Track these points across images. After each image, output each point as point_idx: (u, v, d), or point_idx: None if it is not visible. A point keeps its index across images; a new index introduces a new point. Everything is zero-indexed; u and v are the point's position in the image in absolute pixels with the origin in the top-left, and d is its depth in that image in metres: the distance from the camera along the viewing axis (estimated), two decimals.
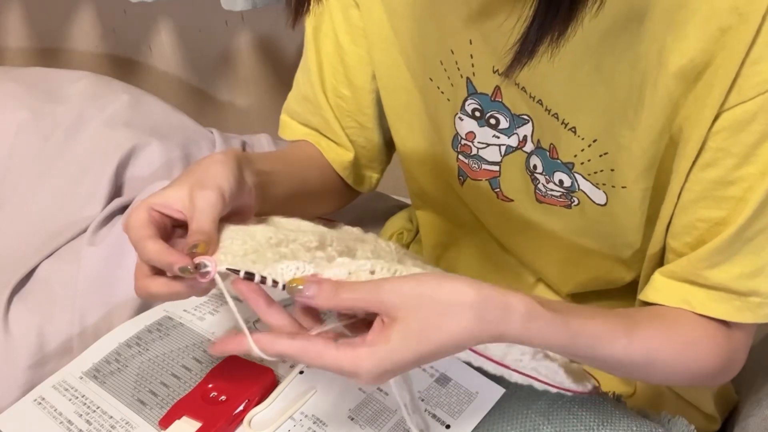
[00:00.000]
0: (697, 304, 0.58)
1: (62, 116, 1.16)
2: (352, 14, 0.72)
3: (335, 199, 0.82)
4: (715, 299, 0.58)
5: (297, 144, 0.79)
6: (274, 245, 0.55)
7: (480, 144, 0.69)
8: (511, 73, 0.49)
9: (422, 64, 0.69)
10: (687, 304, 0.59)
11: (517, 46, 0.47)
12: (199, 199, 0.55)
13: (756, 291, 0.57)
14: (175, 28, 1.72)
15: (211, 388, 0.63)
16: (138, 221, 0.54)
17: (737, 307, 0.57)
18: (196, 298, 0.76)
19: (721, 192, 0.55)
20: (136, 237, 0.54)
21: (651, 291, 0.61)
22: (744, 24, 0.49)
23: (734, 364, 0.62)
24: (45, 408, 0.64)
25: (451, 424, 0.60)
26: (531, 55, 0.47)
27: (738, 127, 0.52)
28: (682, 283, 0.59)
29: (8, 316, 0.94)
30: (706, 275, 0.57)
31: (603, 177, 0.61)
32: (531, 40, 0.47)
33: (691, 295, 0.58)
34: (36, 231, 1.05)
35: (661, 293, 0.60)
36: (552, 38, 0.46)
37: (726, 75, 0.51)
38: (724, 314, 0.58)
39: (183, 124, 1.24)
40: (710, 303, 0.58)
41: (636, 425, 0.61)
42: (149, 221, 0.55)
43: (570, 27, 0.47)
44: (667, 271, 0.60)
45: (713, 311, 0.58)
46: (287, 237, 0.56)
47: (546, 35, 0.46)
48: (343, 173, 0.79)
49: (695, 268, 0.58)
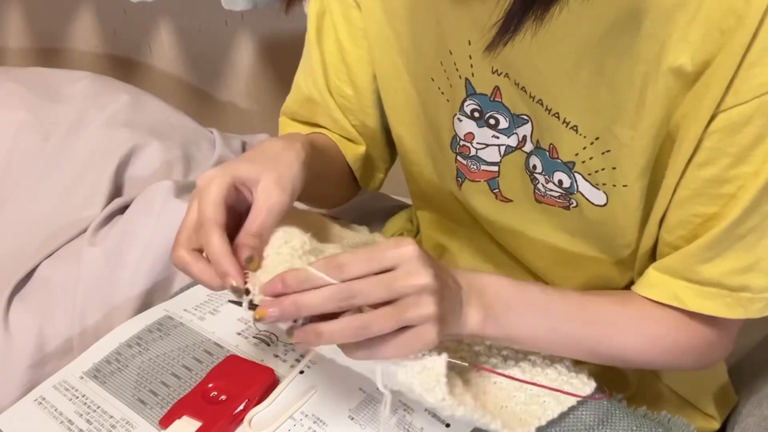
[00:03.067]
0: (688, 301, 0.59)
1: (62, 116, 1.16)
2: (353, 15, 0.72)
3: (341, 192, 0.83)
4: (707, 296, 0.58)
5: (319, 135, 0.79)
6: (307, 252, 0.55)
7: (479, 145, 0.69)
8: (494, 48, 0.49)
9: (423, 65, 0.69)
10: (678, 301, 0.59)
11: (501, 20, 0.48)
12: (274, 200, 0.55)
13: (747, 286, 0.57)
14: (175, 28, 1.72)
15: (211, 387, 0.63)
16: (216, 196, 0.53)
17: (728, 304, 0.58)
18: (197, 298, 0.76)
19: (715, 189, 0.55)
20: (208, 214, 0.53)
21: (644, 286, 0.62)
22: (741, 26, 0.49)
23: (718, 348, 0.64)
24: (45, 408, 0.65)
25: (451, 423, 0.60)
26: (515, 30, 0.48)
27: (734, 129, 0.52)
28: (675, 279, 0.60)
29: (8, 316, 0.94)
30: (698, 270, 0.58)
31: (604, 176, 0.61)
32: (516, 15, 0.47)
33: (683, 292, 0.59)
34: (36, 231, 1.05)
35: (653, 289, 0.61)
36: (536, 14, 0.47)
37: (723, 76, 0.51)
38: (715, 311, 0.58)
39: (183, 124, 1.24)
40: (701, 300, 0.59)
41: (636, 425, 0.62)
42: (225, 198, 0.54)
43: (554, 3, 0.47)
44: (660, 266, 0.61)
45: (704, 308, 0.59)
46: (317, 248, 0.56)
47: (530, 9, 0.47)
48: (354, 166, 0.79)
49: (688, 263, 0.58)
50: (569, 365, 0.63)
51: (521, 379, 0.59)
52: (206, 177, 0.55)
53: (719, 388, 0.79)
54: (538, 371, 0.62)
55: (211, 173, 0.55)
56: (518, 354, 0.63)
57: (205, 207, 0.54)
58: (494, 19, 0.49)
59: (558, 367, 0.62)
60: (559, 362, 0.62)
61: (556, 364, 0.62)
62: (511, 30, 0.48)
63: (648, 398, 0.76)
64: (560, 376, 0.61)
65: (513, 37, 0.48)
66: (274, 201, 0.55)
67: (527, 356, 0.63)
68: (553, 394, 0.60)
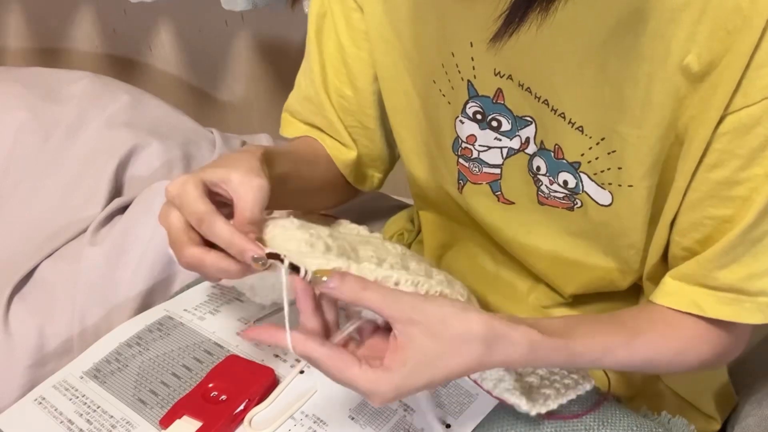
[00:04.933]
0: (708, 308, 0.59)
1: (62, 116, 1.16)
2: (355, 17, 0.72)
3: (336, 194, 0.83)
4: (725, 302, 0.58)
5: (303, 140, 0.79)
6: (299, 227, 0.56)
7: (481, 147, 0.69)
8: (499, 39, 0.49)
9: (425, 67, 0.69)
10: (697, 308, 0.59)
11: (507, 11, 0.48)
12: (255, 186, 0.55)
13: (764, 291, 0.57)
14: (175, 28, 1.72)
15: (211, 387, 0.63)
16: (193, 195, 0.54)
17: (747, 309, 0.58)
18: (197, 298, 0.76)
19: (726, 192, 0.55)
20: (199, 209, 0.54)
21: (662, 294, 0.61)
22: (747, 27, 0.49)
23: (733, 353, 0.64)
24: (45, 408, 0.65)
25: (451, 423, 0.60)
26: (521, 21, 0.48)
27: (743, 130, 0.52)
28: (693, 286, 0.59)
29: (8, 316, 0.94)
30: (716, 276, 0.57)
31: (610, 176, 0.61)
32: (522, 5, 0.47)
33: (702, 298, 0.59)
34: (36, 231, 1.05)
35: (672, 297, 0.60)
36: (542, 5, 0.47)
37: (731, 77, 0.51)
38: (734, 316, 0.58)
39: (183, 124, 1.24)
40: (720, 306, 0.58)
41: (636, 425, 0.62)
42: (204, 196, 0.55)
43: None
44: (677, 273, 0.61)
45: (723, 314, 0.58)
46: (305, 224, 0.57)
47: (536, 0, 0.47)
48: (344, 171, 0.79)
49: (705, 269, 0.58)
50: None
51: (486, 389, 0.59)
52: (176, 183, 0.55)
53: (719, 389, 0.79)
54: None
55: (179, 180, 0.56)
56: None
57: (193, 205, 0.54)
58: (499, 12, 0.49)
59: None
60: None
61: None
62: (516, 21, 0.48)
63: (648, 398, 0.76)
64: (560, 370, 0.61)
65: (519, 28, 0.48)
66: (254, 185, 0.56)
67: None
68: (554, 387, 0.60)
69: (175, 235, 0.56)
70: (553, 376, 0.61)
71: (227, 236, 0.53)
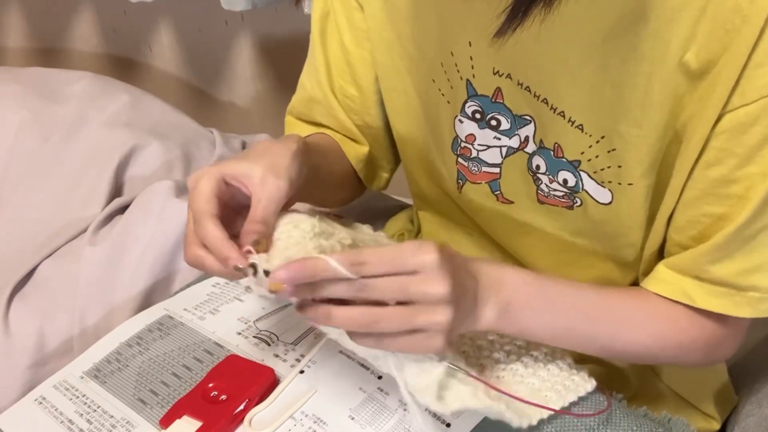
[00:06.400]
0: (698, 298, 0.59)
1: (62, 116, 1.16)
2: (356, 17, 0.72)
3: (345, 192, 0.83)
4: (716, 294, 0.59)
5: (321, 135, 0.79)
6: (318, 234, 0.55)
7: (480, 146, 0.69)
8: (502, 34, 0.49)
9: (424, 67, 0.69)
10: (687, 298, 0.60)
11: (510, 6, 0.48)
12: (271, 187, 0.55)
13: (755, 286, 0.57)
14: (175, 28, 1.72)
15: (211, 387, 0.63)
16: (205, 190, 0.54)
17: (737, 302, 0.58)
18: (197, 298, 0.76)
19: (723, 189, 0.55)
20: (200, 208, 0.54)
21: (654, 281, 0.62)
22: (746, 26, 0.49)
23: (727, 349, 0.64)
24: (46, 407, 0.65)
25: (451, 423, 0.60)
26: (524, 16, 0.48)
27: (741, 129, 0.52)
28: (685, 276, 0.60)
29: (8, 316, 0.94)
30: (708, 269, 0.58)
31: (610, 174, 0.61)
32: (525, 0, 0.47)
33: (692, 289, 0.59)
34: (36, 231, 1.05)
35: (663, 284, 0.61)
36: (545, 0, 0.47)
37: (729, 76, 0.51)
38: (723, 309, 0.59)
39: (183, 124, 1.24)
40: (710, 298, 0.59)
41: (636, 425, 0.62)
42: (215, 193, 0.55)
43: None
44: (670, 263, 0.61)
45: (713, 306, 0.59)
46: (326, 230, 0.57)
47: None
48: (357, 166, 0.79)
49: (698, 262, 0.59)
50: (570, 362, 0.63)
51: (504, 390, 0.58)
52: (195, 176, 0.56)
53: (719, 388, 0.79)
54: (540, 366, 0.62)
55: (200, 172, 0.56)
56: (521, 349, 0.63)
57: (195, 202, 0.54)
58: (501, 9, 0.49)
59: (559, 364, 0.62)
60: (560, 359, 0.63)
61: (558, 361, 0.62)
62: (519, 15, 0.48)
63: (648, 398, 0.76)
64: (561, 372, 0.62)
65: (522, 23, 0.48)
66: (271, 188, 0.55)
67: (530, 351, 0.63)
68: (555, 388, 0.60)
69: (187, 231, 0.56)
70: (554, 377, 0.61)
71: (214, 241, 0.53)
